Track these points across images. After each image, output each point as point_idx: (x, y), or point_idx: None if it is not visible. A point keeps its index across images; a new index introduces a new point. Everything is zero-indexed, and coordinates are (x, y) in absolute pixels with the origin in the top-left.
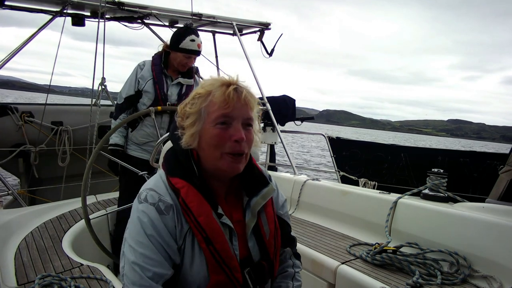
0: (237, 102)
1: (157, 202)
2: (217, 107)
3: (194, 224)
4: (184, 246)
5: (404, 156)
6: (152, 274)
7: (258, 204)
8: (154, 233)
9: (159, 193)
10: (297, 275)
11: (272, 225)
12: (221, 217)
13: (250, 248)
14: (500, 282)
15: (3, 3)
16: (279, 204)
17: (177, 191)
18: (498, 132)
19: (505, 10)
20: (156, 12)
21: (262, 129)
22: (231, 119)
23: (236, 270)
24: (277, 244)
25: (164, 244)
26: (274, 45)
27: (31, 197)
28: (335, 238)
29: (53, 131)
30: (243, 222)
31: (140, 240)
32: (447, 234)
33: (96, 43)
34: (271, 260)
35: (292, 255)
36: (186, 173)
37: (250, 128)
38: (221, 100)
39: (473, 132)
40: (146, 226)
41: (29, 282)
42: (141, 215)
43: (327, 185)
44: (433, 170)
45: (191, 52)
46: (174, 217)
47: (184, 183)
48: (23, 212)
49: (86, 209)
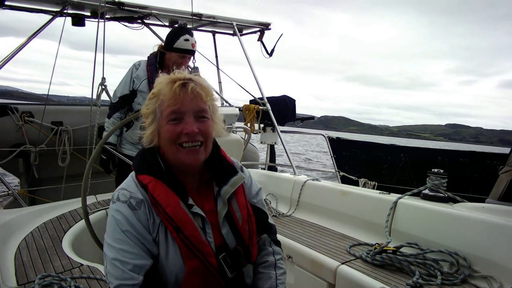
0: (184, 97)
1: (129, 199)
2: (166, 105)
3: (163, 215)
4: (158, 238)
5: (404, 156)
6: (132, 266)
7: (228, 192)
8: (129, 228)
9: (130, 191)
10: (279, 263)
11: (245, 211)
12: (191, 208)
13: (224, 236)
14: (500, 282)
15: (3, 3)
16: (252, 193)
17: (146, 187)
18: (496, 136)
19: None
20: (156, 12)
21: (262, 129)
22: (181, 114)
23: (209, 255)
24: (252, 229)
25: (140, 237)
26: (274, 45)
27: (31, 197)
28: (335, 238)
29: (53, 131)
30: (215, 212)
31: (117, 237)
32: (447, 234)
33: (96, 43)
34: (246, 245)
35: (272, 242)
36: (152, 169)
37: (205, 119)
38: (169, 97)
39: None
40: (121, 223)
41: (29, 282)
42: (115, 214)
43: (327, 185)
44: (433, 170)
45: (185, 52)
46: (146, 211)
47: (151, 178)
48: (23, 212)
49: (86, 209)
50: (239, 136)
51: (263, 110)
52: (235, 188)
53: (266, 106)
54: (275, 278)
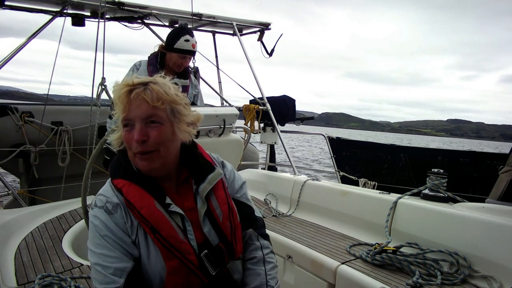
0: (132, 104)
1: (105, 204)
2: (120, 112)
3: (139, 217)
4: (138, 240)
5: (404, 156)
6: (113, 270)
7: (205, 189)
8: (107, 233)
9: (106, 196)
10: (267, 257)
11: (225, 206)
12: (168, 207)
13: (206, 233)
14: (500, 282)
15: (3, 3)
16: (235, 187)
17: (120, 190)
18: (497, 131)
19: (501, 9)
20: (156, 12)
21: (262, 129)
22: (131, 121)
23: (188, 253)
24: (234, 224)
25: (118, 241)
26: (274, 45)
27: (31, 197)
28: (335, 238)
29: (53, 131)
30: (196, 210)
31: (97, 242)
32: (447, 234)
33: (96, 43)
34: (229, 241)
35: (259, 236)
36: (126, 173)
37: (156, 124)
38: (119, 105)
39: (472, 132)
40: (99, 228)
41: (29, 282)
42: (93, 220)
43: (327, 185)
44: (433, 170)
45: (186, 52)
46: (123, 213)
47: (124, 182)
48: (23, 212)
49: (86, 209)
50: (239, 136)
51: (263, 110)
52: (213, 185)
53: (266, 106)
54: (265, 274)
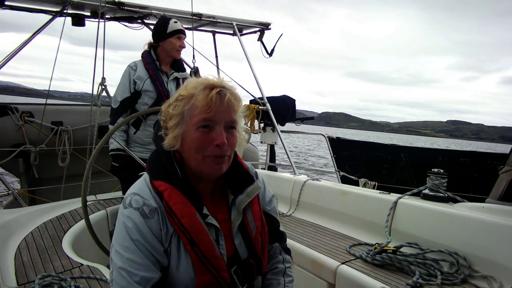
0: (219, 106)
1: (141, 206)
2: (199, 111)
3: (178, 226)
4: (170, 249)
5: (404, 156)
6: (140, 278)
7: (243, 202)
8: (139, 238)
9: (143, 197)
10: (288, 270)
11: (259, 221)
12: (206, 218)
13: (236, 246)
14: (500, 282)
15: (3, 3)
16: (266, 200)
17: (161, 194)
18: (497, 133)
19: (503, 10)
20: (156, 12)
21: (262, 129)
22: (213, 123)
23: (222, 269)
24: (264, 240)
25: (150, 248)
26: (274, 45)
27: (31, 197)
28: (335, 238)
29: (53, 131)
30: (229, 221)
31: (126, 245)
32: (447, 234)
33: (96, 43)
34: (258, 257)
35: (282, 250)
36: (169, 175)
37: (233, 130)
38: (203, 103)
39: (472, 133)
40: (131, 231)
41: (29, 282)
42: (126, 220)
43: (327, 185)
44: (433, 170)
45: (180, 32)
46: (159, 220)
47: (167, 185)
48: (23, 212)
49: (86, 209)
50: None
51: (263, 110)
52: (251, 198)
53: (266, 106)
54: (284, 285)
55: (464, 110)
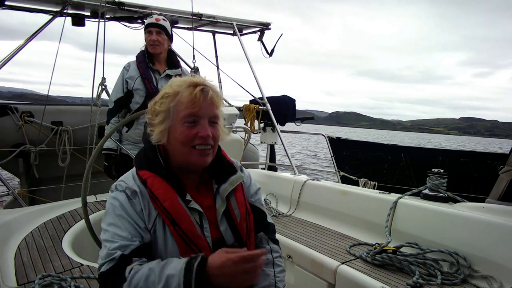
0: (203, 102)
1: (125, 189)
2: (184, 107)
3: (160, 209)
4: (155, 230)
5: (404, 156)
6: (118, 245)
7: (226, 190)
8: (122, 213)
9: (126, 183)
10: (277, 260)
11: (243, 208)
12: (189, 203)
13: (222, 232)
14: (500, 282)
15: (3, 3)
16: (251, 192)
17: (144, 182)
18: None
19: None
20: (156, 12)
21: (262, 129)
22: (198, 117)
23: (204, 248)
24: (250, 227)
25: (132, 221)
26: (274, 45)
27: (31, 197)
28: (335, 238)
29: (53, 131)
30: (214, 208)
31: (110, 222)
32: (447, 234)
33: (96, 43)
34: (244, 242)
35: (269, 240)
36: (153, 165)
37: (216, 124)
38: (188, 100)
39: (486, 130)
40: (116, 208)
41: (29, 282)
42: (112, 201)
43: (327, 185)
44: (433, 170)
45: (150, 25)
46: (140, 201)
47: (150, 174)
48: (23, 212)
49: (86, 209)
50: (239, 136)
51: (263, 110)
52: (234, 187)
53: (266, 106)
54: (274, 276)
55: (477, 107)
